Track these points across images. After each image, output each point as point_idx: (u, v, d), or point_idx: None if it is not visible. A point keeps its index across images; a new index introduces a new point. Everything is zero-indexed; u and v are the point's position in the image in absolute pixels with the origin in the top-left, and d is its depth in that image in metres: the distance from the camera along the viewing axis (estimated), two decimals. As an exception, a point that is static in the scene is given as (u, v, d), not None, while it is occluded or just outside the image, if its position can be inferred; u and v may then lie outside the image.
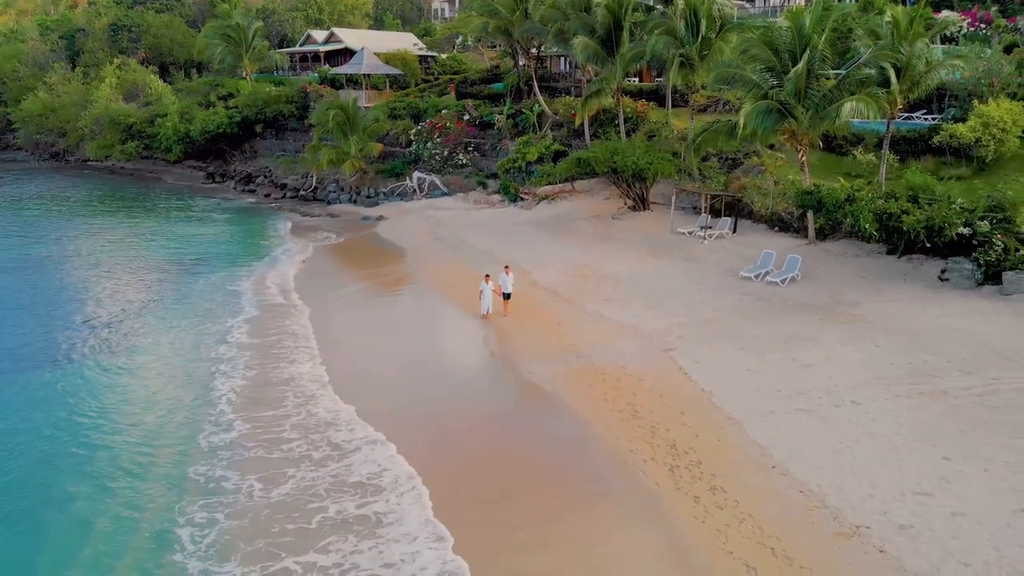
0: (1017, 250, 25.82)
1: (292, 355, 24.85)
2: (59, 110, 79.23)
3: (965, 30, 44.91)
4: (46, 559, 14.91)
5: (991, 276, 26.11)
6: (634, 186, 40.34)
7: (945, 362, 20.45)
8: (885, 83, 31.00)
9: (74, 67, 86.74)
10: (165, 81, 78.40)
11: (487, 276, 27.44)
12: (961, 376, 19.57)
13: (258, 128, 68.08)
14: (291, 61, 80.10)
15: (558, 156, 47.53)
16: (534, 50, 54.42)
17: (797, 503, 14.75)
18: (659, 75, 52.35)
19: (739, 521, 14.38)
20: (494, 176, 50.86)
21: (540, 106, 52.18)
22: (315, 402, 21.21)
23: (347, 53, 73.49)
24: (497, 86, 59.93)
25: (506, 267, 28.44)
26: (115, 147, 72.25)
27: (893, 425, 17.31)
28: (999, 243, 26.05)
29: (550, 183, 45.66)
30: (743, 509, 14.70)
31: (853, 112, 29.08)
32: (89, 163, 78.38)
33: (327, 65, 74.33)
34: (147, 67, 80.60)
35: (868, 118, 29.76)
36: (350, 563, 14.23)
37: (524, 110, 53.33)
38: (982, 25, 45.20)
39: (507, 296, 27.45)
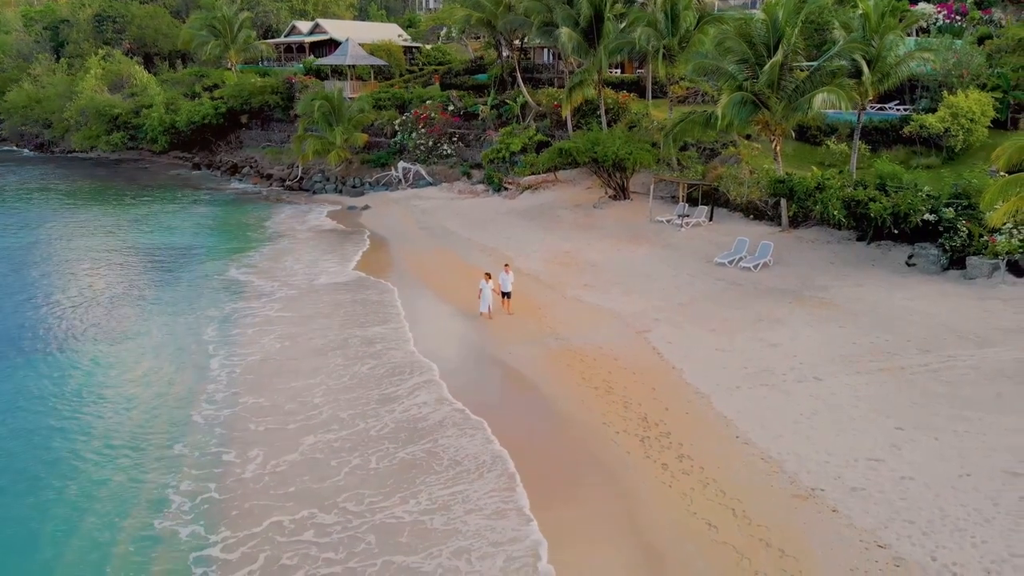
0: (980, 236, 26.85)
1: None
2: (44, 101, 79.14)
3: (940, 22, 45.88)
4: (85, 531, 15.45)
5: (956, 261, 27.21)
6: (614, 176, 41.19)
7: (905, 341, 21.46)
8: (857, 74, 31.95)
9: (59, 58, 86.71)
10: (150, 72, 78.51)
11: (487, 275, 26.70)
12: (919, 354, 20.58)
13: (243, 119, 68.49)
14: (276, 52, 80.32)
15: (541, 146, 48.28)
16: (517, 42, 55.11)
17: (758, 469, 15.70)
18: (640, 66, 53.16)
19: (703, 485, 15.31)
20: (478, 166, 51.59)
21: (524, 97, 52.86)
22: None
23: (332, 44, 73.78)
24: (481, 77, 60.57)
25: (506, 265, 28.07)
26: (100, 138, 72.41)
27: (851, 399, 18.31)
28: (963, 229, 27.09)
29: (533, 173, 46.43)
30: (708, 475, 15.64)
31: (824, 103, 30.01)
32: (74, 154, 78.40)
33: (312, 56, 74.62)
34: (132, 58, 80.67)
35: (839, 109, 30.69)
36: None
37: (508, 101, 54.03)
38: (957, 17, 46.14)
39: (507, 295, 26.81)
